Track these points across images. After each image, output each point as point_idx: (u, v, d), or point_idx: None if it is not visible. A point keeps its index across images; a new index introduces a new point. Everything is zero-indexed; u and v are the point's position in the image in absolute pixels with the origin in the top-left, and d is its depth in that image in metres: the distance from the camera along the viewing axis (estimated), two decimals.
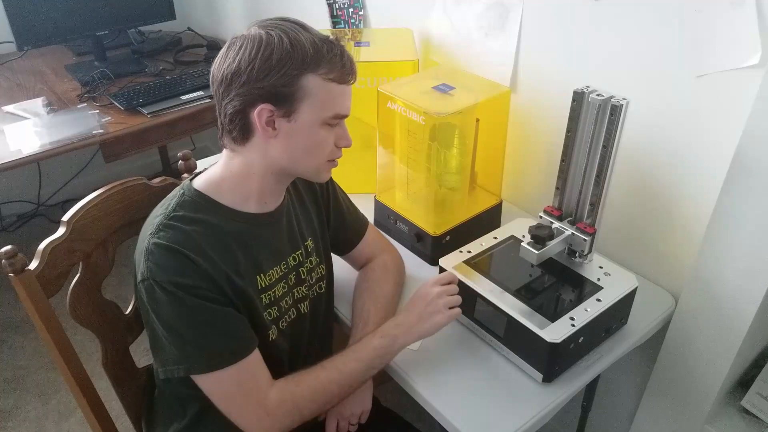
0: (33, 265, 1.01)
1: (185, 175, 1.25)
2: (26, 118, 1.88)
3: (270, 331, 1.00)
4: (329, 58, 0.88)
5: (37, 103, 1.96)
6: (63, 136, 1.79)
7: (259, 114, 0.88)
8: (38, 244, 1.02)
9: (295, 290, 1.05)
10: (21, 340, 2.11)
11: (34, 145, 1.75)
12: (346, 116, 0.95)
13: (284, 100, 0.88)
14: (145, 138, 1.94)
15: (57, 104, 1.98)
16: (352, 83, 0.93)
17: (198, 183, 0.96)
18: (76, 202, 1.06)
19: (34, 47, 2.15)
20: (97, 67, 2.15)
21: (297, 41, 0.86)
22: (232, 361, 0.90)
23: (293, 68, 0.86)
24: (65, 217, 1.04)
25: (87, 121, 1.87)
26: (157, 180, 1.15)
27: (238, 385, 0.92)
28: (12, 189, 2.56)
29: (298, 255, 1.05)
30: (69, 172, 2.65)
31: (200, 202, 0.94)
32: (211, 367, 0.89)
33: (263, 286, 0.98)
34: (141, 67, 2.22)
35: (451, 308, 1.01)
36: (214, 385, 0.92)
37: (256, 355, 0.93)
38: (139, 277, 0.89)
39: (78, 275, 1.06)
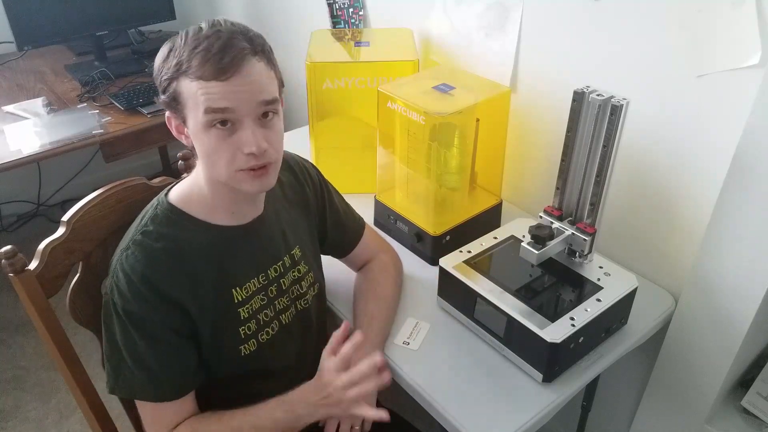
0: (33, 265, 1.01)
1: (185, 175, 1.25)
2: (26, 118, 1.88)
3: (243, 346, 0.98)
4: (196, 55, 0.83)
5: (37, 103, 1.96)
6: (63, 136, 1.79)
7: (168, 122, 0.91)
8: (38, 244, 1.02)
9: (276, 302, 1.02)
10: (21, 340, 2.11)
11: (34, 145, 1.75)
12: (218, 110, 0.84)
13: (174, 108, 0.88)
14: (145, 138, 1.94)
15: (57, 104, 1.98)
16: (225, 79, 0.82)
17: (172, 195, 0.96)
18: (76, 202, 1.06)
19: (34, 47, 2.15)
20: (97, 67, 2.15)
21: (176, 45, 0.85)
22: (147, 398, 0.93)
23: (167, 74, 0.86)
24: (65, 217, 1.04)
25: (87, 121, 1.87)
26: (157, 180, 1.15)
27: (148, 417, 0.96)
28: (12, 189, 2.56)
29: (279, 266, 1.02)
30: (69, 172, 2.65)
31: (171, 216, 0.93)
32: (130, 395, 0.93)
33: (240, 299, 0.97)
34: (141, 67, 2.22)
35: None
36: (138, 406, 0.96)
37: (172, 404, 0.94)
38: (104, 289, 0.93)
39: (78, 275, 1.06)
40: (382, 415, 0.90)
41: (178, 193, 0.96)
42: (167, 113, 0.91)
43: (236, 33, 0.85)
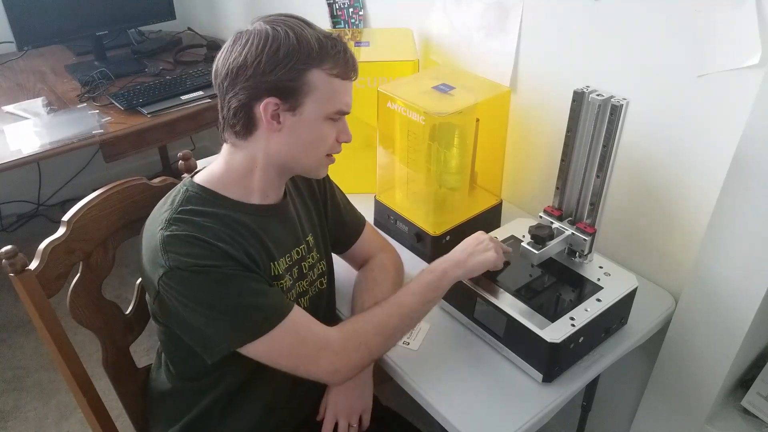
0: (33, 265, 1.01)
1: (185, 175, 1.25)
2: (26, 118, 1.88)
3: None
4: (333, 54, 0.91)
5: (37, 103, 1.96)
6: (63, 136, 1.79)
7: (265, 107, 0.89)
8: (38, 244, 1.02)
9: (297, 284, 1.05)
10: (21, 340, 2.11)
11: (34, 145, 1.75)
12: (348, 112, 0.97)
13: (290, 94, 0.89)
14: (145, 138, 1.94)
15: (57, 104, 1.98)
16: (354, 79, 0.96)
17: (200, 179, 0.97)
18: (76, 202, 1.06)
19: (34, 47, 2.15)
20: (97, 67, 2.15)
21: (303, 37, 0.89)
22: (280, 318, 0.90)
23: (299, 63, 0.88)
24: (65, 217, 1.04)
25: (87, 121, 1.87)
26: (157, 180, 1.15)
27: (296, 337, 0.92)
28: (12, 189, 2.56)
29: (301, 249, 1.05)
30: (69, 172, 2.65)
31: (206, 196, 0.95)
32: (263, 330, 0.89)
33: (276, 273, 0.99)
34: (141, 67, 2.22)
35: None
36: (272, 346, 0.90)
37: (299, 309, 0.94)
38: (161, 272, 0.87)
39: (78, 275, 1.06)
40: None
41: (206, 177, 0.97)
42: (267, 99, 0.89)
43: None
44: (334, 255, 1.19)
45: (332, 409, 1.03)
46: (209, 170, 0.98)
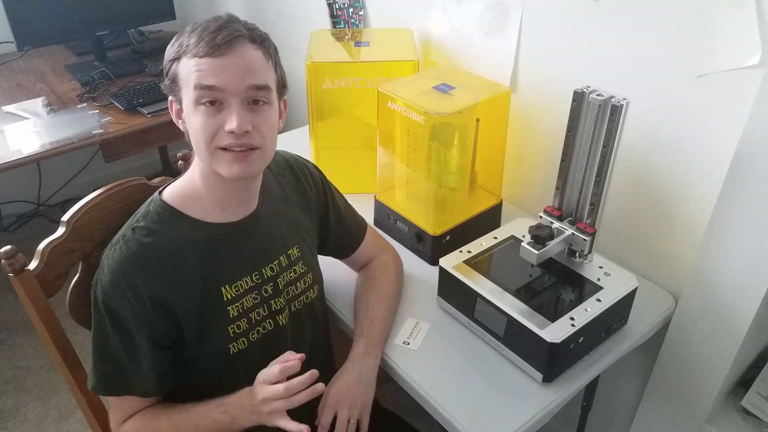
0: (33, 265, 1.01)
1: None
2: (26, 118, 1.88)
3: (232, 345, 0.97)
4: (197, 36, 0.87)
5: (37, 103, 1.96)
6: (63, 136, 1.79)
7: (170, 107, 0.94)
8: (38, 244, 1.02)
9: (272, 302, 1.01)
10: (21, 340, 2.11)
11: (34, 145, 1.75)
12: (207, 87, 0.86)
13: (174, 90, 0.91)
14: (145, 138, 1.94)
15: (57, 104, 1.98)
16: (217, 56, 0.85)
17: (165, 193, 0.97)
18: (76, 202, 1.06)
19: (34, 47, 2.15)
20: (97, 67, 2.15)
21: (184, 32, 0.90)
22: (101, 392, 0.95)
23: (171, 56, 0.90)
24: (65, 217, 1.04)
25: (87, 121, 1.87)
26: (157, 180, 1.15)
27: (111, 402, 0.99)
28: (12, 189, 2.56)
29: (275, 265, 1.02)
30: (69, 172, 2.65)
31: (164, 213, 0.94)
32: (96, 390, 0.95)
33: (229, 297, 0.96)
34: (141, 67, 2.22)
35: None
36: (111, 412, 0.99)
37: (127, 399, 0.95)
38: (93, 282, 0.94)
39: (78, 275, 1.06)
40: (302, 428, 0.87)
41: (171, 191, 0.97)
42: (170, 97, 0.93)
43: (237, 21, 0.91)
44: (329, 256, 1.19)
45: (333, 399, 0.99)
46: (177, 183, 0.98)
